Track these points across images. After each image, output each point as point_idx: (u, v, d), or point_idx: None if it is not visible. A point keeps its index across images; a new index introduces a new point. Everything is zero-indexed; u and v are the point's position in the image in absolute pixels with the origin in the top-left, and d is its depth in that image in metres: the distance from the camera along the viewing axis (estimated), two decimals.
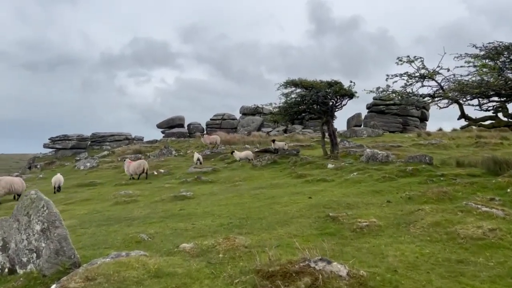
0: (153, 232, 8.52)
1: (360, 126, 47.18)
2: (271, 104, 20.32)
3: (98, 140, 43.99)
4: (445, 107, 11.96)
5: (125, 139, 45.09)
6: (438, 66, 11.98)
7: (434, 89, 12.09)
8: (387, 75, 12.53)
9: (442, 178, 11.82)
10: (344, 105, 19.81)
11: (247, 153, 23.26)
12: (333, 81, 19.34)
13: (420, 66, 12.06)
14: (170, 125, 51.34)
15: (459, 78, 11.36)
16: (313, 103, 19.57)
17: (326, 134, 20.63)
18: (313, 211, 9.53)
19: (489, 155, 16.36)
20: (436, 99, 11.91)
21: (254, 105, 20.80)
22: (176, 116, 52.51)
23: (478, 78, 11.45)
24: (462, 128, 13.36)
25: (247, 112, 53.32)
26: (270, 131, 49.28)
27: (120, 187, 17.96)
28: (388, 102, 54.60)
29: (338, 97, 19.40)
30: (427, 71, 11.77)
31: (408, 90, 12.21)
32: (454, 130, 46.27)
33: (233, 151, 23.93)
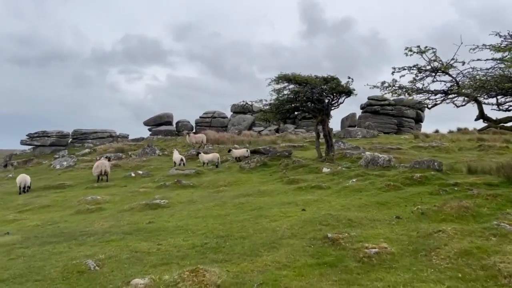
0: (104, 257, 6.71)
1: (355, 126, 45.68)
2: (261, 100, 18.57)
3: (80, 137, 41.73)
4: (462, 105, 10.33)
5: (109, 137, 42.91)
6: (453, 59, 10.32)
7: (448, 84, 10.45)
8: (394, 68, 10.85)
9: (456, 188, 10.17)
10: (341, 103, 18.13)
11: (214, 155, 21.16)
12: (329, 77, 17.62)
13: (432, 58, 10.40)
14: (158, 123, 49.25)
15: (479, 72, 9.71)
16: (307, 100, 17.83)
17: (321, 135, 18.92)
18: (308, 228, 7.80)
19: (501, 161, 14.82)
20: (451, 96, 10.26)
21: (243, 101, 19.01)
22: (164, 113, 50.45)
23: (500, 71, 9.83)
24: (481, 130, 11.76)
25: (238, 110, 51.51)
26: (262, 131, 47.60)
27: (90, 191, 16.05)
28: (383, 103, 53.42)
29: (334, 94, 17.70)
30: (440, 64, 10.10)
31: (418, 85, 10.56)
32: (451, 132, 45.14)
33: (199, 153, 21.73)
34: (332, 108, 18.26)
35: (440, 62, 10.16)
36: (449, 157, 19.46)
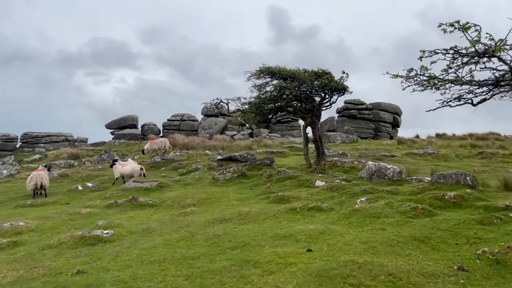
0: None
1: (334, 131, 43.53)
2: (239, 99, 15.49)
3: (30, 141, 37.05)
4: None
5: (64, 140, 38.40)
6: (501, 40, 7.68)
7: (497, 74, 7.79)
8: (422, 51, 8.10)
9: (511, 214, 7.47)
10: (334, 102, 15.37)
11: (133, 168, 16.73)
12: (320, 71, 14.82)
13: (476, 38, 7.73)
14: (121, 126, 45.06)
15: None
16: (294, 98, 14.94)
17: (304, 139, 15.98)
18: None
19: None
20: (506, 87, 7.60)
21: (217, 99, 15.74)
22: (128, 115, 46.30)
23: None
24: None
25: (209, 113, 48.30)
26: (235, 135, 44.62)
27: (18, 211, 12.44)
28: (360, 107, 51.80)
29: (326, 91, 14.89)
30: (492, 45, 7.42)
31: (460, 73, 7.85)
32: (430, 137, 43.80)
33: (114, 163, 17.04)
34: (323, 108, 15.44)
35: (491, 40, 7.46)
36: (453, 166, 17.06)
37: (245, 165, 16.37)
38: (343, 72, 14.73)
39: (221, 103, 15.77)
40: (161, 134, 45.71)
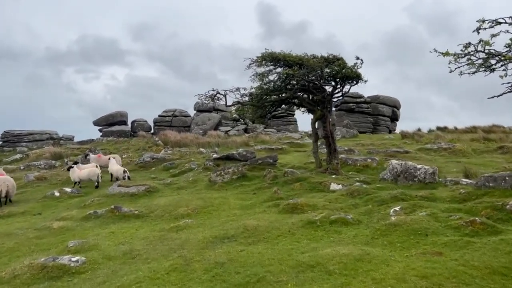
0: None
1: (333, 125, 41.61)
2: (238, 89, 13.58)
3: (12, 140, 34.77)
4: None
5: (49, 139, 36.13)
6: None
7: None
8: (481, 21, 6.31)
9: None
10: (346, 92, 13.54)
11: (91, 171, 15.04)
12: (331, 57, 12.98)
13: None
14: (110, 122, 42.90)
15: None
16: (302, 89, 13.06)
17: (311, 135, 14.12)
18: None
19: None
20: None
21: (213, 90, 13.77)
22: (117, 111, 44.11)
23: None
24: None
25: (202, 108, 46.35)
26: (229, 131, 42.79)
27: None
28: (358, 100, 50.19)
29: (338, 80, 13.05)
30: None
31: None
32: (431, 130, 42.40)
33: (72, 166, 15.44)
34: (334, 99, 13.61)
35: None
36: (476, 162, 15.37)
37: (245, 165, 14.50)
38: (357, 58, 12.90)
39: (218, 95, 13.84)
40: (152, 131, 43.71)
